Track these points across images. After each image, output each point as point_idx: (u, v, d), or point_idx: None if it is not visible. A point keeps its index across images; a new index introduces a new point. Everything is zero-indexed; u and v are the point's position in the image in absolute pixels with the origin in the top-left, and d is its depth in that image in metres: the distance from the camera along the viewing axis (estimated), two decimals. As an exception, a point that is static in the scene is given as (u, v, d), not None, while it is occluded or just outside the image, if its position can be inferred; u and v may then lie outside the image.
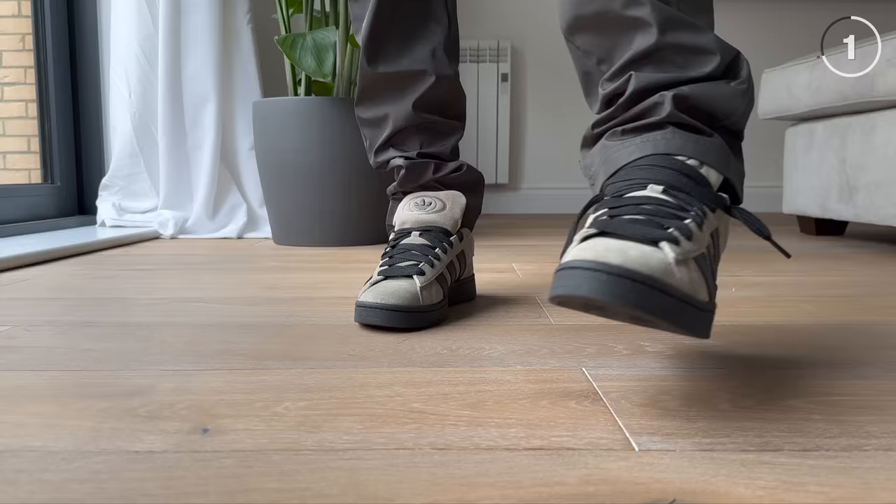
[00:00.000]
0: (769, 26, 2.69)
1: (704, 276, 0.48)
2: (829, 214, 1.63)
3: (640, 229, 0.46)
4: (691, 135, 0.57)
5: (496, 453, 0.43)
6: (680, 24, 0.59)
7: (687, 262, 0.46)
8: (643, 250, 0.44)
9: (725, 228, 0.56)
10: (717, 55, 0.59)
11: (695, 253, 0.47)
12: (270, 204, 1.69)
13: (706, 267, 0.49)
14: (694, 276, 0.46)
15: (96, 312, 0.87)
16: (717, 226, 0.53)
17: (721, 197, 0.54)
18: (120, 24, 1.84)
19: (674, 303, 0.44)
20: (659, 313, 0.43)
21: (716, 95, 0.58)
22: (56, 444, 0.45)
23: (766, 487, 0.38)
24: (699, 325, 0.46)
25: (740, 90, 0.59)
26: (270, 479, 0.40)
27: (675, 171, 0.54)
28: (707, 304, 0.48)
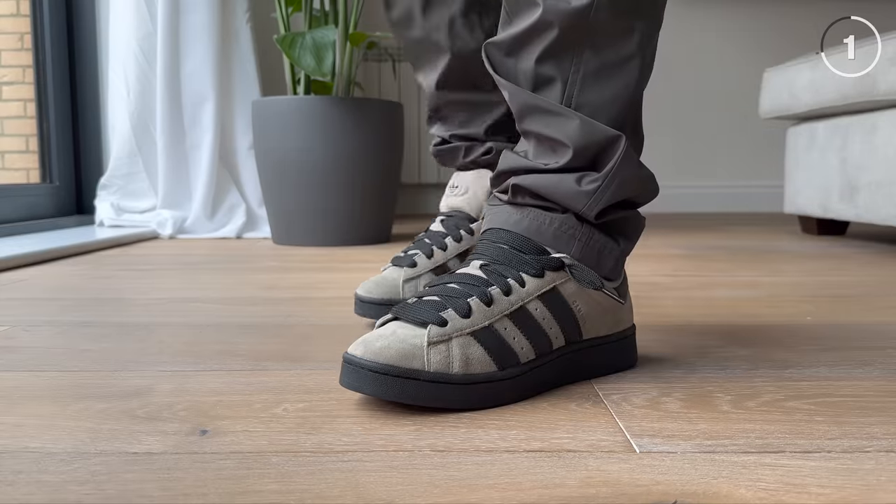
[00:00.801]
0: (769, 26, 2.69)
1: (488, 348, 0.52)
2: (830, 214, 1.63)
3: (420, 312, 0.52)
4: (534, 211, 0.57)
5: (496, 455, 0.43)
6: (538, 112, 0.57)
7: (449, 342, 0.51)
8: (400, 336, 0.50)
9: (579, 288, 0.56)
10: (569, 149, 0.55)
11: (469, 329, 0.52)
12: (269, 203, 1.68)
13: (503, 336, 0.52)
14: (456, 353, 0.51)
15: (95, 313, 0.86)
16: (553, 284, 0.55)
17: (553, 259, 0.55)
18: (119, 22, 1.84)
19: (412, 385, 0.49)
20: (398, 397, 0.49)
21: (557, 191, 0.56)
22: (54, 445, 0.44)
23: (768, 489, 0.38)
24: (455, 399, 0.50)
25: (588, 189, 0.55)
26: (269, 480, 0.39)
27: (503, 244, 0.57)
28: (476, 376, 0.51)
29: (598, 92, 0.56)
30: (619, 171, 0.56)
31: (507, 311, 0.53)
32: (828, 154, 1.63)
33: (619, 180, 0.56)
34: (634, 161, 0.57)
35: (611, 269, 0.59)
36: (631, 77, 0.57)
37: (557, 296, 0.55)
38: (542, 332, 0.54)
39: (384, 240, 1.71)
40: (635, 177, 0.58)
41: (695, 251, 1.47)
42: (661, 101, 2.72)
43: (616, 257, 0.59)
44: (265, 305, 0.91)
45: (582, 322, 0.57)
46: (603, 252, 0.58)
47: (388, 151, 1.67)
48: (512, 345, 0.53)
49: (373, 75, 2.59)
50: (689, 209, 2.76)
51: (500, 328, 0.53)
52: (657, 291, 0.98)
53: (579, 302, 0.56)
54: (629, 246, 0.61)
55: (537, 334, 0.54)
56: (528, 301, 0.54)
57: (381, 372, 0.49)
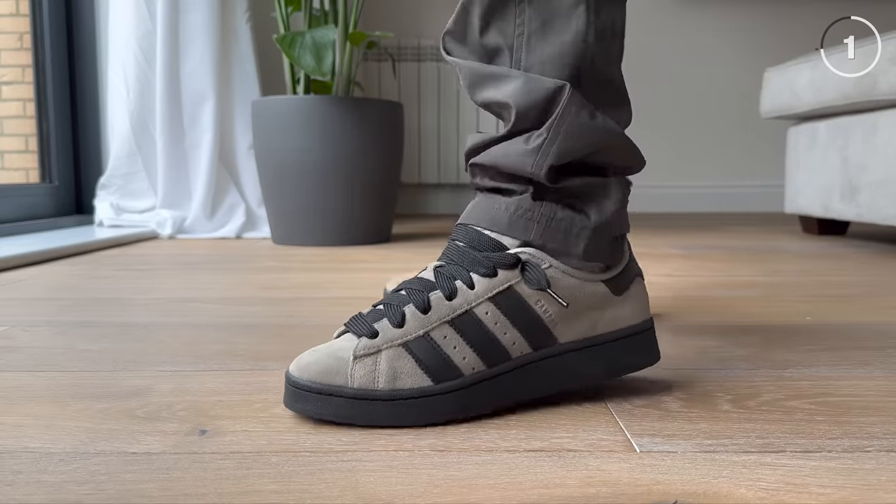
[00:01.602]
0: (769, 26, 2.69)
1: (420, 360, 0.48)
2: (831, 214, 1.63)
3: (360, 323, 0.50)
4: (490, 198, 0.53)
5: (496, 455, 0.43)
6: (484, 79, 0.53)
7: (378, 354, 0.48)
8: (330, 350, 0.49)
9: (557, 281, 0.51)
10: (513, 109, 0.51)
11: (400, 340, 0.49)
12: (269, 203, 1.68)
13: (439, 345, 0.48)
14: (383, 367, 0.48)
15: (94, 313, 0.86)
16: (508, 284, 0.50)
17: (506, 256, 0.50)
18: (118, 22, 1.84)
19: (333, 402, 0.47)
20: (317, 414, 0.47)
21: (506, 158, 0.52)
22: (54, 445, 0.44)
23: (768, 489, 0.38)
24: (381, 416, 0.47)
25: (534, 147, 0.51)
26: (269, 480, 0.39)
27: (461, 241, 0.52)
28: (403, 391, 0.47)
29: (543, 48, 0.51)
30: (562, 120, 0.50)
31: (446, 318, 0.49)
32: (829, 154, 1.63)
33: (565, 131, 0.50)
34: (586, 111, 0.51)
35: (586, 249, 0.52)
36: (578, 25, 0.51)
37: (514, 296, 0.50)
38: (493, 339, 0.49)
39: (384, 240, 1.71)
40: (588, 126, 0.51)
41: (694, 251, 1.47)
42: (661, 101, 2.72)
43: (590, 235, 0.52)
44: (265, 305, 0.91)
45: (552, 324, 0.50)
46: (570, 231, 0.51)
47: (388, 151, 1.67)
48: (451, 355, 0.48)
49: (373, 75, 2.59)
50: (689, 209, 2.76)
51: (438, 337, 0.48)
52: (657, 291, 0.98)
53: (544, 301, 0.50)
54: (606, 218, 0.52)
55: (486, 342, 0.49)
56: (477, 305, 0.49)
57: (305, 389, 0.47)
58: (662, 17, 2.71)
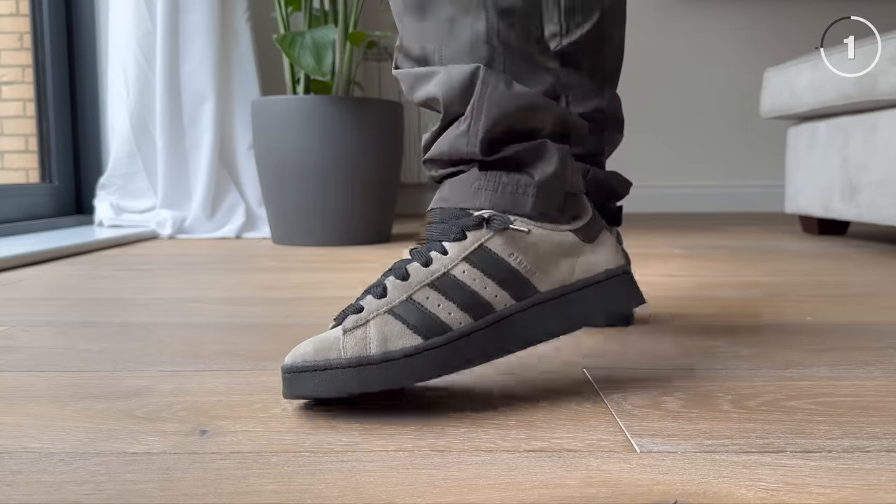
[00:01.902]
0: (769, 26, 2.69)
1: (408, 321, 0.50)
2: (831, 214, 1.63)
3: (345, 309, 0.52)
4: (448, 181, 0.57)
5: (496, 455, 0.43)
6: (417, 79, 0.57)
7: (366, 325, 0.50)
8: (324, 335, 0.51)
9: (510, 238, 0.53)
10: (440, 101, 0.55)
11: (386, 307, 0.50)
12: (269, 203, 1.68)
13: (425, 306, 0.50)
14: (372, 333, 0.49)
15: (94, 313, 0.86)
16: (479, 242, 0.52)
17: (471, 218, 0.53)
18: (118, 22, 1.84)
19: (327, 375, 0.48)
20: (315, 392, 0.49)
21: (445, 148, 0.56)
22: (53, 445, 0.44)
23: (768, 489, 0.38)
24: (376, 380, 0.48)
25: (461, 130, 0.54)
26: (269, 480, 0.39)
27: (436, 221, 0.55)
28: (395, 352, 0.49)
29: (452, 43, 0.55)
30: (481, 98, 0.54)
31: (426, 281, 0.51)
32: (829, 153, 1.63)
33: (486, 107, 0.53)
34: (501, 83, 0.54)
35: (535, 206, 0.54)
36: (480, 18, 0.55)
37: (487, 253, 0.52)
38: (474, 293, 0.51)
39: (384, 240, 1.71)
40: (504, 97, 0.54)
41: (695, 251, 1.47)
42: (661, 101, 2.72)
43: (536, 192, 0.54)
44: (265, 305, 0.91)
45: (530, 274, 0.53)
46: (517, 191, 0.54)
47: (388, 151, 1.67)
48: (437, 313, 0.50)
49: (373, 75, 2.59)
50: (690, 209, 2.76)
51: (420, 298, 0.50)
52: (657, 291, 0.98)
53: (517, 253, 0.52)
54: (550, 174, 0.55)
55: (468, 298, 0.51)
56: (453, 266, 0.51)
57: (301, 370, 0.48)
58: (662, 17, 2.71)
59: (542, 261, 0.53)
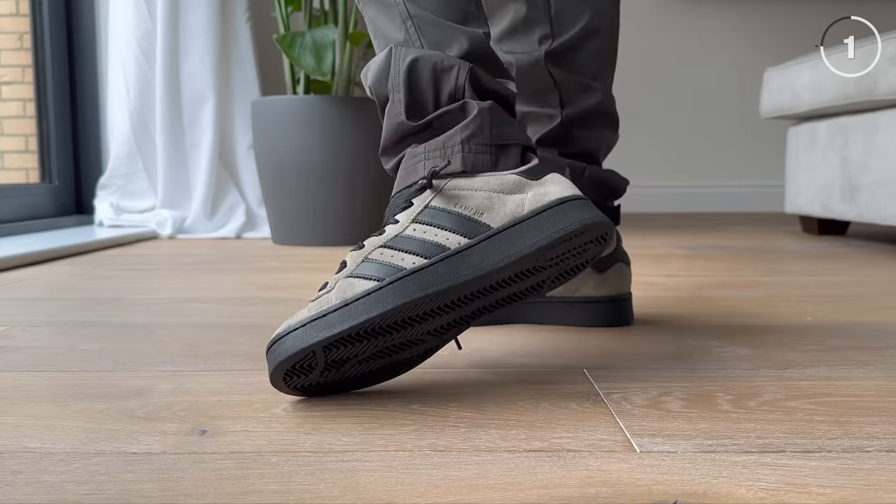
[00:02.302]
0: (769, 26, 2.69)
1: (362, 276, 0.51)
2: (831, 214, 1.63)
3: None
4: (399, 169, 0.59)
5: (496, 455, 0.43)
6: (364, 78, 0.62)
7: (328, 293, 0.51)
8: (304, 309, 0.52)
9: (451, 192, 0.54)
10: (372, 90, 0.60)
11: (343, 276, 0.52)
12: (269, 203, 1.68)
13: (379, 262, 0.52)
14: (333, 293, 0.51)
15: (94, 313, 0.86)
16: (425, 203, 0.54)
17: (412, 186, 0.55)
18: (118, 21, 1.84)
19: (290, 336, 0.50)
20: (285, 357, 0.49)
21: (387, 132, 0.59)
22: (54, 445, 0.44)
23: (768, 489, 0.38)
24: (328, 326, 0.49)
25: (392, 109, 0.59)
26: (269, 480, 0.39)
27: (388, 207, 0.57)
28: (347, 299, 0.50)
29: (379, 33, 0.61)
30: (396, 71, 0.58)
31: (380, 244, 0.53)
32: (829, 154, 1.63)
33: (403, 76, 0.57)
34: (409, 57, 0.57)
35: (463, 159, 0.55)
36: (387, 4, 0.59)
37: (431, 210, 0.53)
38: (426, 241, 0.52)
39: (384, 240, 1.71)
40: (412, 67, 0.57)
41: (695, 251, 1.47)
42: (661, 101, 2.72)
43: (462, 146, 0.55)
44: (265, 305, 0.91)
45: (478, 215, 0.53)
46: (445, 150, 0.56)
47: (388, 151, 1.67)
48: (391, 262, 0.51)
49: (373, 75, 2.58)
50: (689, 209, 2.76)
51: (376, 255, 0.52)
52: (657, 291, 0.98)
53: (461, 202, 0.53)
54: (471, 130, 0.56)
55: (422, 245, 0.52)
56: (404, 230, 0.53)
57: (274, 342, 0.50)
58: (662, 17, 2.71)
59: (488, 201, 0.53)
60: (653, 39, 2.68)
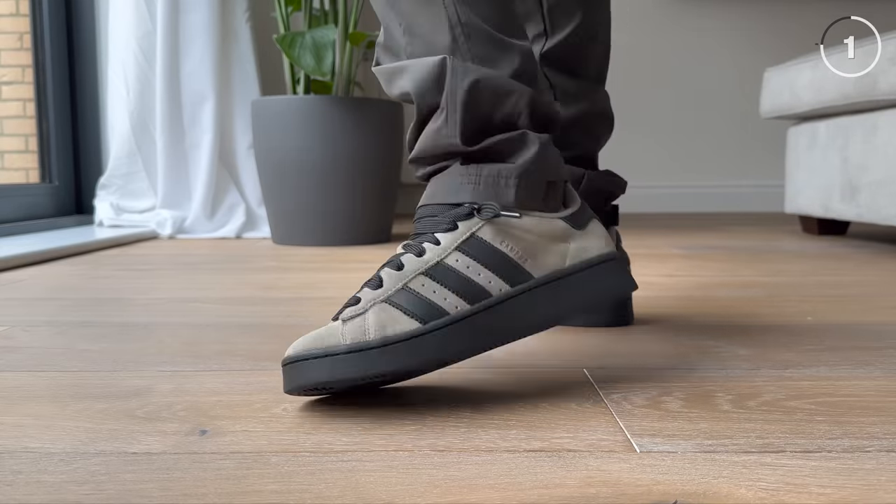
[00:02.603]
0: (769, 26, 2.69)
1: (405, 308, 0.50)
2: (831, 214, 1.63)
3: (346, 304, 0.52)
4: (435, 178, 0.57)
5: (496, 455, 0.43)
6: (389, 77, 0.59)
7: (364, 314, 0.50)
8: (326, 326, 0.51)
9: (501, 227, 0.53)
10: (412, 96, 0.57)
11: (381, 297, 0.50)
12: (269, 203, 1.68)
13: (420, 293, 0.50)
14: (371, 320, 0.49)
15: (94, 313, 0.86)
16: (471, 231, 0.53)
17: (462, 209, 0.53)
18: (118, 22, 1.84)
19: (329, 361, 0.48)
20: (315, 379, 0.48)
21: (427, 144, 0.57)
22: (54, 445, 0.44)
23: (768, 489, 0.38)
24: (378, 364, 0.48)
25: (439, 124, 0.55)
26: (269, 480, 0.39)
27: (422, 218, 0.56)
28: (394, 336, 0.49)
29: (418, 32, 0.56)
30: (453, 88, 0.54)
31: (421, 270, 0.51)
32: (829, 154, 1.63)
33: (462, 97, 0.54)
34: (470, 73, 0.54)
35: (518, 195, 0.54)
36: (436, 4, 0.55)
37: (478, 242, 0.52)
38: (470, 280, 0.51)
39: (384, 240, 1.71)
40: (476, 87, 0.54)
41: (695, 251, 1.47)
42: (661, 101, 2.72)
43: (518, 181, 0.54)
44: (265, 305, 0.91)
45: (522, 261, 0.53)
46: (499, 182, 0.54)
47: (388, 151, 1.67)
48: (432, 298, 0.50)
49: (373, 75, 2.58)
50: (689, 209, 2.76)
51: (416, 286, 0.51)
52: (657, 291, 0.98)
53: (508, 241, 0.53)
54: (530, 161, 0.55)
55: (463, 283, 0.51)
56: (446, 255, 0.52)
57: (301, 359, 0.48)
58: (662, 17, 2.71)
59: (534, 247, 0.53)
60: (653, 39, 2.68)
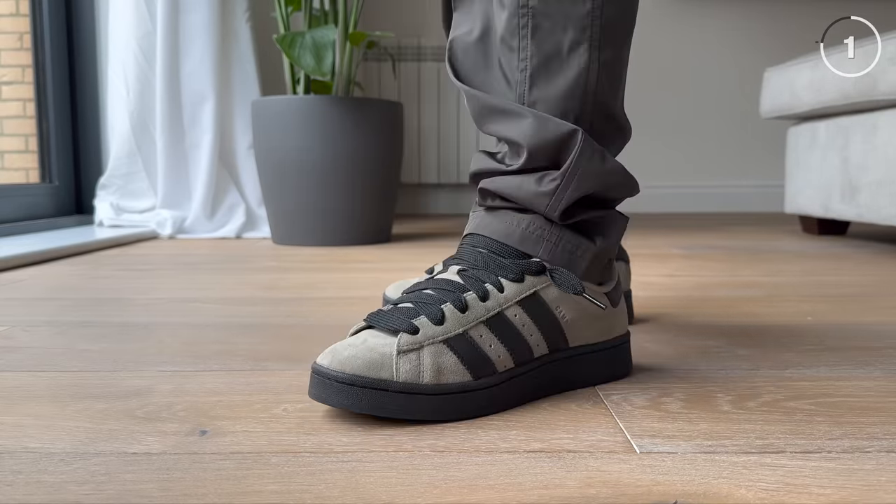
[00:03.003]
0: (769, 26, 2.69)
1: (462, 356, 0.50)
2: (831, 214, 1.63)
3: (392, 319, 0.51)
4: (504, 214, 0.56)
5: (496, 455, 0.43)
6: (493, 112, 0.56)
7: (420, 350, 0.49)
8: (370, 345, 0.49)
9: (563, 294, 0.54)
10: (524, 149, 0.54)
11: (442, 336, 0.50)
12: (269, 203, 1.68)
13: (478, 343, 0.50)
14: (427, 361, 0.49)
15: (94, 313, 0.86)
16: (534, 289, 0.53)
17: (533, 263, 0.54)
18: (118, 22, 1.84)
19: (382, 396, 0.47)
20: (367, 409, 0.47)
21: (519, 194, 0.55)
22: (54, 445, 0.44)
23: (768, 489, 0.38)
24: (425, 410, 0.48)
25: (547, 189, 0.54)
26: (269, 481, 0.39)
27: (482, 248, 0.55)
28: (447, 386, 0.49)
29: (547, 87, 0.54)
30: (577, 167, 0.53)
31: (482, 318, 0.51)
32: (829, 154, 1.63)
33: (579, 177, 0.54)
34: (597, 155, 0.54)
35: (586, 270, 0.56)
36: (580, 64, 0.54)
37: (539, 301, 0.53)
38: (522, 339, 0.52)
39: (384, 240, 1.71)
40: (599, 171, 0.55)
41: (695, 251, 1.47)
42: (661, 101, 2.72)
43: (591, 258, 0.56)
44: (265, 305, 0.91)
45: (567, 329, 0.54)
46: (575, 253, 0.55)
47: (388, 151, 1.67)
48: (488, 353, 0.50)
49: (373, 75, 2.59)
50: (689, 209, 2.76)
51: (476, 335, 0.50)
52: (657, 291, 0.98)
53: (563, 308, 0.54)
54: (607, 245, 0.57)
55: (516, 341, 0.52)
56: (507, 307, 0.52)
57: (348, 383, 0.47)
58: (662, 17, 2.71)
59: (579, 318, 0.55)
60: (653, 39, 2.68)
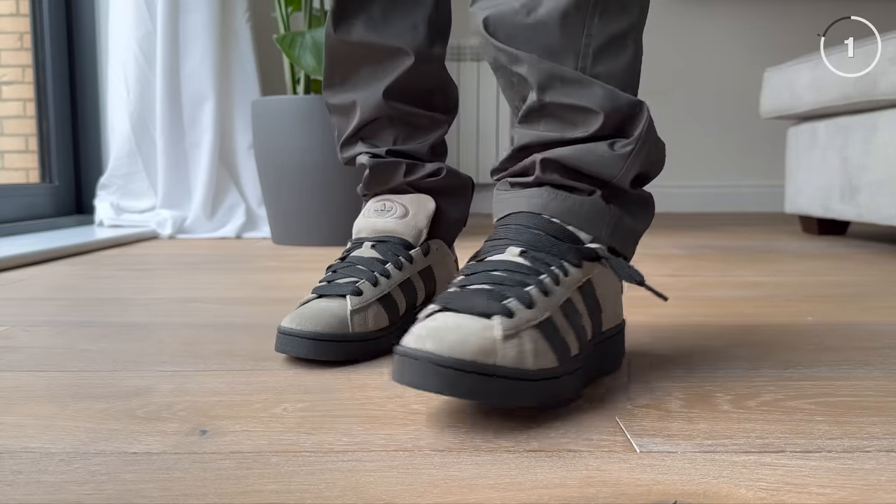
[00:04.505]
0: (769, 26, 2.69)
1: (551, 341, 0.49)
2: (831, 214, 1.63)
3: (478, 303, 0.48)
4: (562, 193, 0.56)
5: (496, 455, 0.43)
6: (561, 82, 0.56)
7: (519, 335, 0.48)
8: (469, 329, 0.46)
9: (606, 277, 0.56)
10: (599, 115, 0.55)
11: (535, 321, 0.49)
12: (269, 203, 1.68)
13: (559, 328, 0.50)
14: (528, 346, 0.48)
15: (94, 313, 0.86)
16: (588, 276, 0.54)
17: (589, 250, 0.54)
18: (118, 22, 1.84)
19: (491, 382, 0.45)
20: (470, 395, 0.45)
21: (590, 160, 0.55)
22: (54, 445, 0.44)
23: (768, 489, 0.38)
24: (527, 396, 0.47)
25: (622, 153, 0.55)
26: (269, 480, 0.39)
27: (537, 230, 0.54)
28: (544, 371, 0.48)
29: (608, 64, 0.56)
30: (648, 134, 0.56)
31: (559, 304, 0.51)
32: (829, 154, 1.63)
33: (649, 144, 0.56)
34: (654, 129, 0.58)
35: (632, 252, 0.60)
36: (632, 49, 0.58)
37: (591, 288, 0.54)
38: (582, 326, 0.53)
39: (384, 240, 1.71)
40: (659, 144, 0.59)
41: (695, 251, 1.47)
42: (661, 100, 2.72)
43: (637, 240, 0.59)
44: (265, 305, 0.91)
45: (603, 307, 0.56)
46: (629, 235, 0.58)
47: (388, 151, 1.67)
48: (566, 338, 0.51)
49: (373, 75, 2.58)
50: (689, 209, 2.76)
51: (558, 320, 0.50)
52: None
53: (602, 293, 0.55)
54: (645, 227, 0.60)
55: (579, 328, 0.52)
56: (572, 293, 0.52)
57: (457, 368, 0.44)
58: (663, 17, 2.71)
59: (608, 304, 0.57)
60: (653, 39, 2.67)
